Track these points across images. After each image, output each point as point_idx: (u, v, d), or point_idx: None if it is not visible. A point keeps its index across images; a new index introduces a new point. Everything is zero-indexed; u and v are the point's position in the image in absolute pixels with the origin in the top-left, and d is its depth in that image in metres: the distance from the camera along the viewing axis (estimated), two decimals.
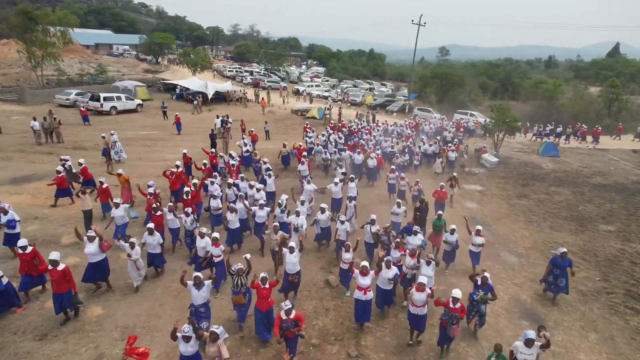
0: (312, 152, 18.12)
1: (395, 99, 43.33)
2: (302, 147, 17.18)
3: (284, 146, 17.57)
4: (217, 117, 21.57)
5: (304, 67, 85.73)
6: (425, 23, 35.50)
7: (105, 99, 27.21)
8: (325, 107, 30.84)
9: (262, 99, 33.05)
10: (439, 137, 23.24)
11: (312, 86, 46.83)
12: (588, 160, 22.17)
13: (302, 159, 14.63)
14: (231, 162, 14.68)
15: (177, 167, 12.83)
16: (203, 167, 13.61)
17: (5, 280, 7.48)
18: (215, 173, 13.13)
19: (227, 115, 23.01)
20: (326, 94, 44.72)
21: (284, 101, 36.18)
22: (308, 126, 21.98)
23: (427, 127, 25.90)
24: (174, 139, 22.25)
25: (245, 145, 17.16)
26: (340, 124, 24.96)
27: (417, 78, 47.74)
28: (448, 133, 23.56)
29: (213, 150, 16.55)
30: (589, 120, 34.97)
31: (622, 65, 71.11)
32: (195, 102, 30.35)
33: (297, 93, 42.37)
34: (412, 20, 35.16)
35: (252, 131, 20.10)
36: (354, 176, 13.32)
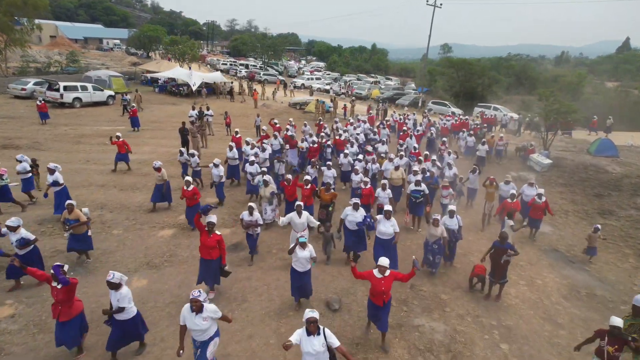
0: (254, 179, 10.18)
1: (405, 92, 38.92)
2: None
3: (181, 153, 11.88)
4: (193, 107, 17.13)
5: (303, 62, 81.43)
6: (441, 4, 31.13)
7: (66, 88, 22.67)
8: (330, 99, 26.36)
9: (254, 90, 28.56)
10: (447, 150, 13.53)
11: (312, 79, 42.49)
12: None
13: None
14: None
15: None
16: None
17: None
18: None
19: (208, 106, 18.43)
20: (327, 87, 40.45)
21: (273, 93, 31.38)
22: (321, 122, 17.61)
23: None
24: (141, 135, 17.84)
25: None
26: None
27: (425, 72, 43.43)
28: (478, 143, 15.86)
29: (182, 149, 12.14)
30: (626, 114, 31.40)
31: None
32: (127, 97, 22.20)
33: (285, 86, 35.98)
34: (427, 1, 30.75)
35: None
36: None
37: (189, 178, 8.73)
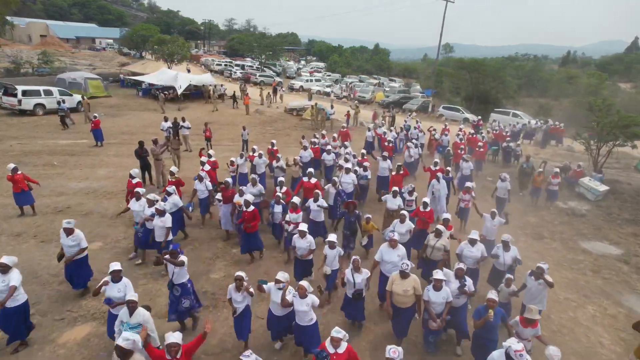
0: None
1: (412, 95, 35.86)
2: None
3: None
4: (166, 118, 14.05)
5: (302, 62, 78.57)
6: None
7: (25, 93, 19.62)
8: (330, 105, 23.21)
9: (247, 94, 25.45)
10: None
11: (311, 80, 39.45)
12: None
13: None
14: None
15: None
16: None
17: None
18: None
19: (183, 117, 15.23)
20: (328, 89, 37.40)
21: (267, 96, 28.14)
22: (274, 148, 11.82)
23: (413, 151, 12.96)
24: (103, 151, 14.75)
25: None
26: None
27: (430, 73, 40.41)
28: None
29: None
30: None
31: None
32: (64, 105, 18.31)
33: (274, 90, 30.07)
34: None
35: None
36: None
37: None
